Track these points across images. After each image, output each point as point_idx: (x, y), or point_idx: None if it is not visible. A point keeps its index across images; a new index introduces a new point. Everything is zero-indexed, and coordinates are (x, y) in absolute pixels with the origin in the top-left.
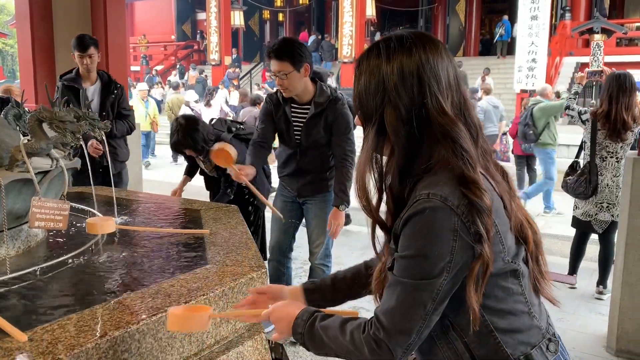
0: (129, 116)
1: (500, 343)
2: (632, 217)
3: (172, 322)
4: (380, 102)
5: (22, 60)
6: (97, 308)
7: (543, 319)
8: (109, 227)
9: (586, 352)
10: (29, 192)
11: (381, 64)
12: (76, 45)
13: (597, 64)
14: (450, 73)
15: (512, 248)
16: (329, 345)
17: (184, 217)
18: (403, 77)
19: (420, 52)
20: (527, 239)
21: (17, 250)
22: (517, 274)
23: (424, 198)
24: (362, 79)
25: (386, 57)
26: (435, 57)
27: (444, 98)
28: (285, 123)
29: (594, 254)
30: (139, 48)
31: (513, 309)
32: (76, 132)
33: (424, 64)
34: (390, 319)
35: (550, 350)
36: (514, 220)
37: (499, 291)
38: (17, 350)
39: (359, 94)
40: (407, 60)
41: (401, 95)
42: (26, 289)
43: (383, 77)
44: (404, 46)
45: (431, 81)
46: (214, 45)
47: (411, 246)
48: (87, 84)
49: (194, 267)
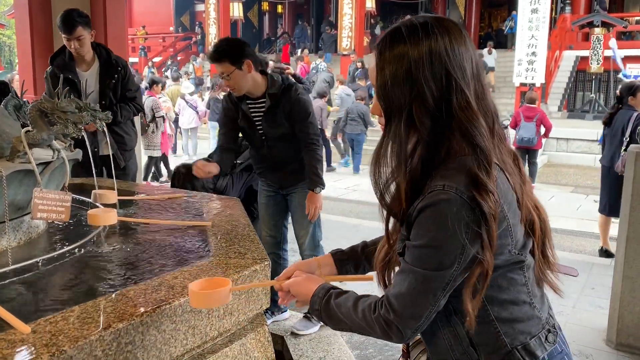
0: (135, 97)
1: (500, 332)
2: (633, 210)
3: (194, 300)
4: (409, 93)
5: (21, 51)
6: (100, 300)
7: (544, 310)
8: (111, 219)
9: (586, 345)
10: (30, 183)
11: (408, 51)
12: (60, 26)
13: (597, 58)
14: (474, 61)
15: (520, 240)
16: (344, 321)
17: (185, 209)
18: (432, 67)
19: (445, 40)
20: (534, 226)
21: (19, 242)
22: (523, 265)
23: (439, 189)
24: (387, 69)
25: (413, 43)
26: (460, 46)
27: (469, 90)
28: (246, 121)
29: (593, 247)
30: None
31: (515, 299)
32: (78, 123)
33: (449, 54)
34: (402, 304)
35: (549, 340)
36: (525, 211)
37: (503, 281)
38: (21, 342)
39: (384, 84)
40: (434, 48)
41: (430, 86)
42: (28, 280)
43: (411, 66)
44: (429, 33)
45: (457, 72)
46: (212, 37)
47: (425, 236)
48: (83, 67)
49: (197, 260)
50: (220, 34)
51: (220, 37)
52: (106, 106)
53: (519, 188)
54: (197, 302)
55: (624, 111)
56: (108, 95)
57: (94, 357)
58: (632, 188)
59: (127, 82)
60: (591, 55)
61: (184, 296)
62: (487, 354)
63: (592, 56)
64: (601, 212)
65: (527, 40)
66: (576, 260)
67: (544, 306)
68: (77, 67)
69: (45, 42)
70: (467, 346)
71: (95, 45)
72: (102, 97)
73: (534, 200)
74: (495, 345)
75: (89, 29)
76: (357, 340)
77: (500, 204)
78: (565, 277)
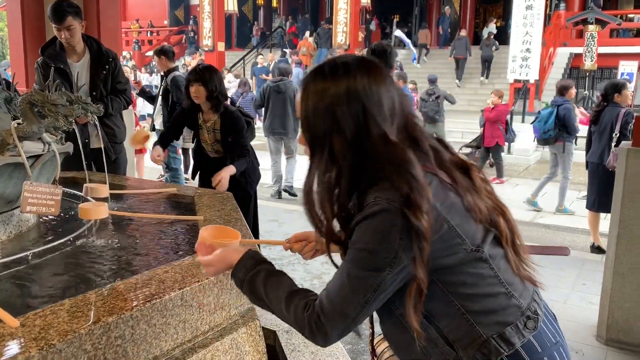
0: (125, 90)
1: (473, 324)
2: (624, 207)
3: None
4: (329, 126)
5: (13, 43)
6: (90, 294)
7: (525, 297)
8: (102, 213)
9: (576, 340)
10: (20, 177)
11: (328, 88)
12: (51, 15)
13: (591, 55)
14: (395, 98)
15: (475, 237)
16: (267, 305)
17: (177, 203)
18: (349, 102)
19: (364, 79)
20: (498, 225)
21: (9, 235)
22: (486, 259)
23: (372, 202)
24: (309, 102)
25: (333, 81)
26: (380, 85)
27: (386, 123)
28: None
29: (585, 243)
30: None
31: (486, 292)
32: (69, 116)
33: (367, 92)
34: (332, 301)
35: (528, 327)
36: (479, 211)
37: (468, 277)
38: (9, 336)
39: (307, 117)
40: (353, 86)
41: (347, 120)
42: (17, 274)
43: (331, 101)
44: (349, 72)
45: (374, 108)
46: (206, 31)
47: (360, 240)
48: (74, 58)
49: (188, 254)
50: (215, 28)
51: (214, 31)
52: (97, 98)
53: (466, 192)
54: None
55: (611, 108)
56: (99, 87)
57: (84, 351)
58: (623, 184)
59: (117, 74)
60: (585, 52)
61: (175, 290)
62: (464, 347)
63: (586, 53)
64: (590, 209)
65: (522, 37)
66: (568, 256)
67: (526, 293)
68: (68, 58)
69: (37, 35)
70: (443, 346)
71: (85, 38)
72: (93, 89)
73: (496, 202)
74: (471, 337)
75: (80, 20)
76: (350, 335)
77: (437, 209)
78: (556, 273)
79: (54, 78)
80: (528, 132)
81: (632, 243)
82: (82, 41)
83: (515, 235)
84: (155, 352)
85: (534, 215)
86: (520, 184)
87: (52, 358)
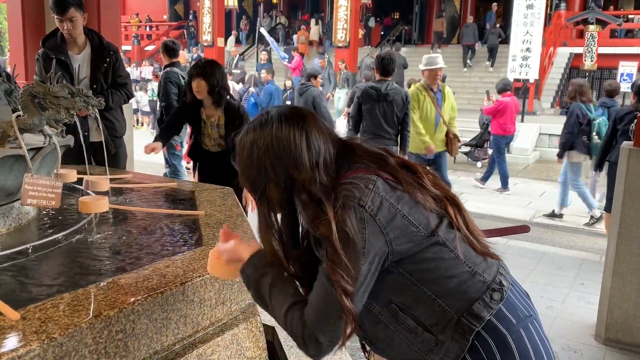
0: (125, 84)
1: (443, 305)
2: (625, 207)
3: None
4: (263, 176)
5: (12, 35)
6: (91, 288)
7: (490, 272)
8: (102, 207)
9: (575, 340)
10: (21, 169)
11: (256, 141)
12: (53, 7)
13: (591, 55)
14: (319, 139)
15: (428, 223)
16: (268, 306)
17: (178, 198)
18: (277, 154)
19: (284, 130)
20: (448, 212)
21: (8, 228)
22: (442, 242)
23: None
24: (243, 154)
25: (260, 133)
26: (300, 132)
27: (316, 168)
28: None
29: (583, 243)
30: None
31: (451, 273)
32: (70, 109)
33: (288, 141)
34: (313, 306)
35: (494, 299)
36: (425, 201)
37: (430, 263)
38: (10, 328)
39: (244, 169)
40: (278, 136)
41: (278, 170)
42: (18, 267)
43: (259, 153)
44: (272, 124)
45: (296, 156)
46: (206, 26)
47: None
48: (75, 50)
49: (189, 249)
50: (215, 24)
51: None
52: (98, 91)
53: (409, 186)
54: (213, 269)
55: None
56: (100, 80)
57: (85, 344)
58: (625, 185)
59: (118, 67)
60: (585, 52)
61: (176, 285)
62: (442, 331)
63: (586, 53)
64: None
65: (522, 36)
66: (567, 256)
67: (490, 268)
68: (69, 50)
69: (37, 27)
70: (423, 333)
71: (87, 31)
72: (93, 82)
73: (446, 193)
74: (445, 320)
75: (82, 11)
76: None
77: (387, 200)
78: (555, 273)
79: (55, 70)
80: (527, 131)
81: (632, 243)
82: (84, 34)
83: (466, 218)
84: (156, 347)
85: (533, 214)
86: (519, 182)
87: (53, 351)
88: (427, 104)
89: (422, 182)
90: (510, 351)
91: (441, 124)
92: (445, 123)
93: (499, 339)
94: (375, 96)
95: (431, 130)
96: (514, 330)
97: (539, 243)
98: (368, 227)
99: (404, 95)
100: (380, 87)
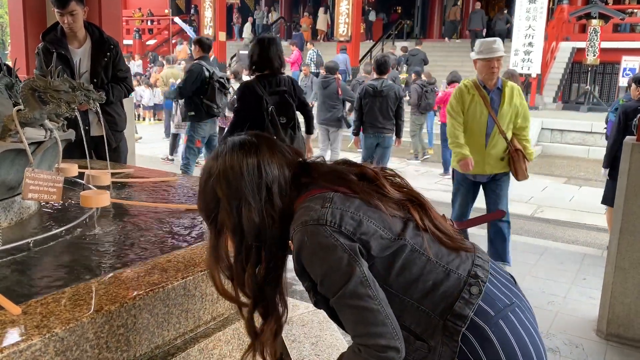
0: (126, 78)
1: (427, 311)
2: (627, 202)
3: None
4: (215, 205)
5: (13, 30)
6: (92, 282)
7: (464, 267)
8: (104, 201)
9: (577, 335)
10: (22, 163)
11: (212, 169)
12: (54, 1)
13: (593, 49)
14: (274, 166)
15: (393, 228)
16: None
17: (179, 191)
18: (228, 183)
19: (242, 156)
20: (412, 214)
21: (10, 222)
22: (411, 246)
23: (293, 234)
24: (200, 182)
25: (215, 163)
26: (252, 160)
27: (270, 194)
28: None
29: (585, 238)
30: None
31: (425, 277)
32: (71, 103)
33: (243, 168)
34: (363, 330)
35: (473, 293)
36: (386, 207)
37: (402, 271)
38: (11, 323)
39: (198, 196)
40: (231, 164)
41: (230, 199)
42: (19, 261)
43: (212, 183)
44: (231, 151)
45: (253, 182)
46: (208, 21)
47: (317, 269)
48: (75, 44)
49: (191, 243)
50: (217, 18)
51: (216, 21)
52: (98, 85)
53: (366, 195)
54: None
55: None
56: (100, 74)
57: (86, 339)
58: (627, 179)
59: (118, 61)
60: (587, 47)
61: (177, 279)
62: (431, 337)
63: (589, 48)
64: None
65: (524, 31)
66: (568, 250)
67: (465, 263)
68: (69, 44)
69: (38, 21)
70: (415, 342)
71: (87, 25)
72: (94, 76)
73: (407, 191)
74: (432, 325)
75: (82, 5)
76: None
77: (348, 210)
78: (557, 268)
79: (56, 64)
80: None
81: (634, 238)
82: (84, 28)
83: (433, 218)
84: (158, 342)
85: (535, 209)
86: None
87: (54, 346)
88: (477, 106)
89: (382, 190)
90: (491, 342)
91: (496, 135)
92: (502, 133)
93: (478, 332)
94: (372, 92)
95: (480, 142)
96: (493, 322)
97: (540, 238)
98: (339, 238)
99: (396, 91)
100: (376, 85)
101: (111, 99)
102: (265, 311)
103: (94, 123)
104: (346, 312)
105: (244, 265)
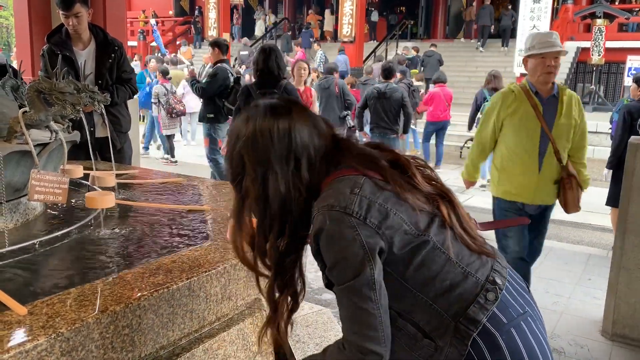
0: (130, 79)
1: (440, 310)
2: (632, 202)
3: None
4: (242, 169)
5: (19, 32)
6: (97, 283)
7: (484, 271)
8: (109, 202)
9: (582, 336)
10: (28, 165)
11: (240, 132)
12: (59, 2)
13: (598, 49)
14: (305, 134)
15: (419, 223)
16: None
17: (183, 193)
18: (255, 148)
19: (273, 120)
20: (441, 210)
21: (16, 223)
22: (433, 243)
23: (316, 214)
24: (229, 144)
25: (245, 126)
26: (283, 124)
27: (299, 164)
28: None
29: (590, 239)
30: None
31: (442, 276)
32: (76, 104)
33: (273, 133)
34: (353, 326)
35: (489, 299)
36: (415, 201)
37: (420, 268)
38: (17, 323)
39: (226, 159)
40: (261, 129)
41: (256, 166)
42: (25, 262)
43: (240, 147)
44: (263, 115)
45: (281, 148)
46: (212, 22)
47: (331, 256)
48: (80, 46)
49: (195, 244)
50: (220, 19)
51: (220, 22)
52: (102, 87)
53: (397, 187)
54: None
55: None
56: (104, 76)
57: (91, 339)
58: (632, 179)
59: (122, 63)
60: (592, 46)
61: (182, 280)
62: (441, 336)
63: (594, 47)
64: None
65: (529, 30)
66: (573, 251)
67: (484, 267)
68: (73, 46)
69: (43, 24)
70: (422, 339)
71: (91, 26)
72: (98, 78)
73: (437, 185)
74: (443, 325)
75: (87, 7)
76: None
77: (376, 200)
78: (562, 268)
79: (61, 66)
80: None
81: (639, 238)
82: (88, 30)
83: (460, 216)
84: (163, 342)
85: None
86: None
87: (60, 346)
88: (526, 116)
89: (413, 181)
90: (500, 350)
91: (550, 155)
92: (557, 153)
93: (489, 339)
94: (377, 95)
95: (530, 165)
96: (505, 330)
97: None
98: (362, 231)
99: (399, 93)
100: (381, 87)
101: (116, 100)
102: (282, 284)
103: (98, 124)
104: (345, 305)
105: (266, 235)
